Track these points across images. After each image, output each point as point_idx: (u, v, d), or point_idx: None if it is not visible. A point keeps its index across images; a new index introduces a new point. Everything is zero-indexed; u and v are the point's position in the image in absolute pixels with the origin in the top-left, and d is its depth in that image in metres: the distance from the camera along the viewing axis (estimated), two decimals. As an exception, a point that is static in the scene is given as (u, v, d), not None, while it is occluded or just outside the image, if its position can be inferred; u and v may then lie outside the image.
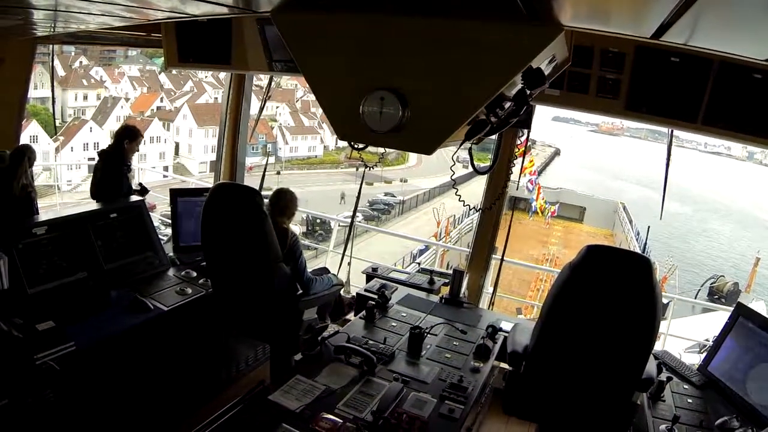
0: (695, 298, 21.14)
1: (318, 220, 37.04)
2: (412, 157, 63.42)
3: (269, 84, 7.13)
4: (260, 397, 3.34)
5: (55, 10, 2.84)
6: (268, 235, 4.03)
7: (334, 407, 3.27)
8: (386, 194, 49.79)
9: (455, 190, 4.11)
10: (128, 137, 5.70)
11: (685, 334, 8.63)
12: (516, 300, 19.55)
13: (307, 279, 4.36)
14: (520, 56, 2.13)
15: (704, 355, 4.60)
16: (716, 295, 29.52)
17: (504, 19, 2.10)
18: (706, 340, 8.40)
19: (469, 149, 3.32)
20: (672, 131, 5.06)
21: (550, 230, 38.26)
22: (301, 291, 4.33)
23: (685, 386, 4.18)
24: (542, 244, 34.55)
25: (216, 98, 55.29)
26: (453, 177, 3.83)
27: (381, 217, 44.33)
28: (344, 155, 60.59)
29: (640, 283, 3.23)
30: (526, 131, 4.30)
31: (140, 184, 5.89)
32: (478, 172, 4.61)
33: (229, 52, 5.48)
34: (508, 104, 2.51)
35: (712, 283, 31.15)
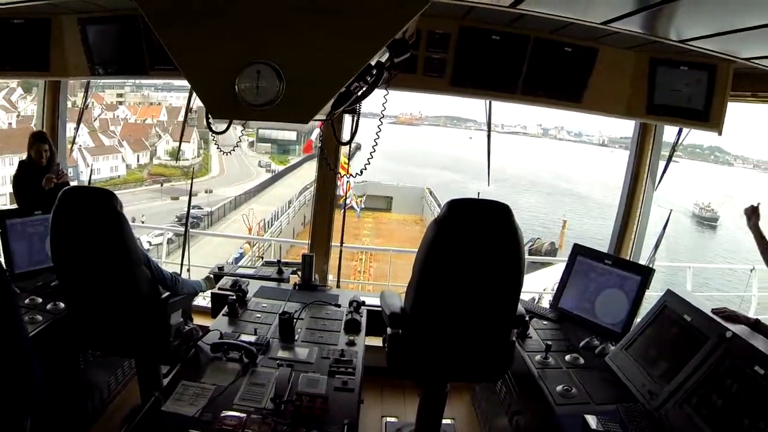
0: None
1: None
2: (215, 167, 62.39)
3: (86, 93, 6.63)
4: (153, 411, 3.20)
5: None
6: (129, 238, 3.79)
7: (231, 404, 3.22)
8: (193, 207, 48.17)
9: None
10: None
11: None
12: (361, 283, 20.94)
13: (170, 276, 4.17)
14: (392, 24, 2.19)
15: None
16: (536, 254, 32.03)
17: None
18: (544, 289, 9.21)
19: (332, 124, 3.41)
20: (490, 104, 5.46)
21: (361, 222, 38.78)
22: (165, 294, 4.11)
23: (544, 322, 4.80)
24: (355, 237, 34.91)
25: (10, 123, 51.25)
26: (317, 145, 3.90)
27: (190, 231, 42.63)
28: (146, 172, 58.46)
29: (504, 227, 3.51)
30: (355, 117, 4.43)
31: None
32: (340, 143, 4.75)
33: (47, 56, 5.11)
34: (374, 73, 2.60)
35: (530, 246, 33.83)
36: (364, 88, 2.72)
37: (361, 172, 4.26)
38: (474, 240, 3.51)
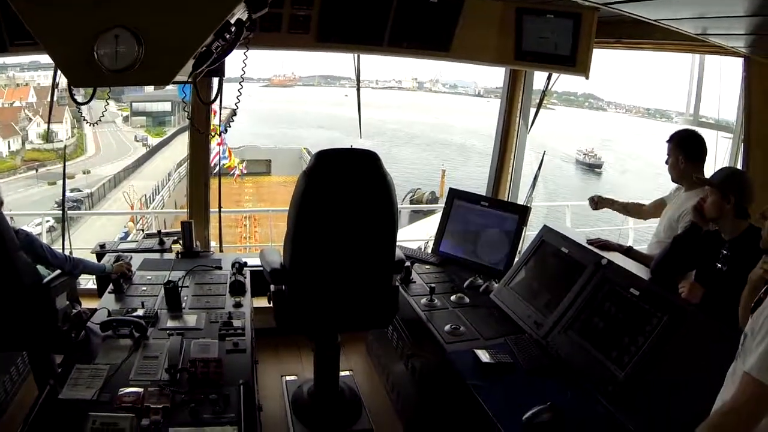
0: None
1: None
2: (90, 147, 59.62)
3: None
4: (50, 400, 3.08)
5: None
6: (2, 223, 3.56)
7: (128, 380, 3.16)
8: (72, 190, 45.59)
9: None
10: None
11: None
12: (248, 247, 21.75)
13: (63, 258, 4.03)
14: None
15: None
16: (417, 204, 32.72)
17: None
18: (429, 237, 9.50)
19: (194, 85, 3.38)
20: (359, 58, 5.52)
21: (241, 188, 38.60)
22: (47, 279, 3.93)
23: (427, 267, 5.01)
24: (236, 204, 34.43)
25: None
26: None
27: (71, 216, 40.68)
28: (20, 159, 55.14)
29: (373, 173, 3.63)
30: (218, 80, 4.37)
31: None
32: (204, 103, 4.69)
33: None
34: (233, 30, 2.59)
35: (411, 197, 34.45)
36: (223, 46, 2.70)
37: (226, 130, 4.26)
38: (344, 188, 3.61)
